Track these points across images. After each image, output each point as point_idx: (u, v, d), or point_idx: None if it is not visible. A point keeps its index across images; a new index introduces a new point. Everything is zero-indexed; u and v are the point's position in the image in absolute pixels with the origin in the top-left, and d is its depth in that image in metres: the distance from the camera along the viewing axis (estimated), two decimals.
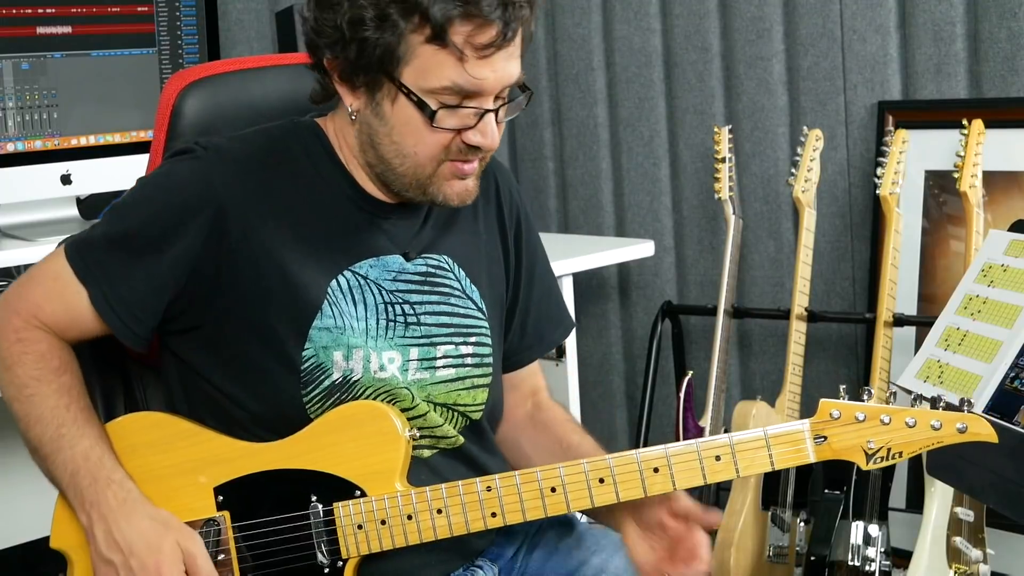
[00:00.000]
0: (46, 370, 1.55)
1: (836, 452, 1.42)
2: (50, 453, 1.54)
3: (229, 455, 1.54)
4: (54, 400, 1.54)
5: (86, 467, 1.52)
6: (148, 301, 1.54)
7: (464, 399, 1.62)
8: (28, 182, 2.51)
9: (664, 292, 3.37)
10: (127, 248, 1.54)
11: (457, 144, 1.51)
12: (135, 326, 1.56)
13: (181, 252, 1.52)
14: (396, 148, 1.52)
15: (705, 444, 1.44)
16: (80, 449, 1.52)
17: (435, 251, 1.63)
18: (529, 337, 1.76)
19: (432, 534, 1.49)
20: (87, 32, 2.56)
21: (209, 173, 1.54)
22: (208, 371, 1.57)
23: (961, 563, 2.37)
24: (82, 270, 1.55)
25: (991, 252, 2.13)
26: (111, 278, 1.54)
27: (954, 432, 1.40)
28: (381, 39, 1.46)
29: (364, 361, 1.55)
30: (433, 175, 1.53)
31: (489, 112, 1.50)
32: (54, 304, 1.56)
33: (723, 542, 2.74)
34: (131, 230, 1.55)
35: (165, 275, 1.53)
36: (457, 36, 1.45)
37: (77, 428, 1.53)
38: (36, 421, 1.54)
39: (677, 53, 3.26)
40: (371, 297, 1.57)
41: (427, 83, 1.47)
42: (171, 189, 1.55)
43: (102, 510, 1.50)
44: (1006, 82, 2.76)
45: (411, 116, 1.49)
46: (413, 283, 1.60)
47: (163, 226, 1.53)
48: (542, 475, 1.47)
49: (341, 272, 1.56)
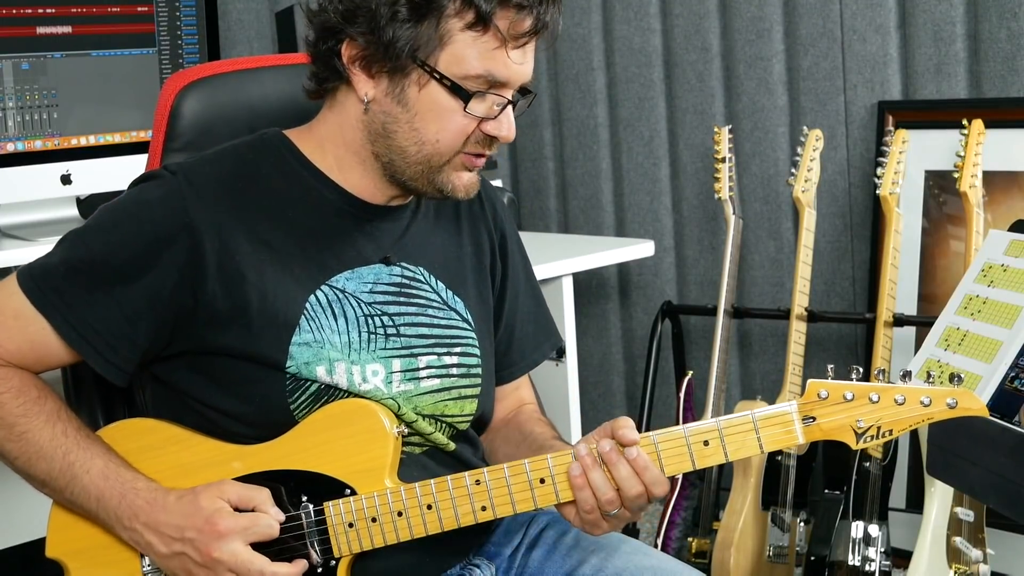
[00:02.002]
0: (28, 402, 1.53)
1: (825, 432, 1.41)
2: (65, 484, 1.52)
3: (219, 459, 1.54)
4: (48, 431, 1.52)
5: (108, 487, 1.51)
6: (122, 330, 1.51)
7: (451, 410, 1.62)
8: (28, 182, 2.51)
9: (664, 292, 3.38)
10: (89, 275, 1.51)
11: (477, 135, 1.52)
12: (109, 355, 1.52)
13: (154, 280, 1.50)
14: (416, 135, 1.51)
15: (693, 429, 1.43)
16: (96, 471, 1.51)
17: (412, 262, 1.62)
18: (513, 354, 1.76)
19: (423, 530, 1.49)
20: (87, 32, 2.56)
21: (180, 198, 1.51)
22: (193, 391, 1.56)
23: (961, 563, 2.37)
24: (39, 300, 1.50)
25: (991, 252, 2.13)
26: (71, 304, 1.50)
27: (944, 408, 1.38)
28: (418, 23, 1.46)
29: (347, 375, 1.54)
30: (446, 165, 1.53)
31: (510, 104, 1.51)
32: (18, 342, 1.52)
33: (723, 542, 2.74)
34: (95, 257, 1.51)
35: (139, 304, 1.50)
36: (501, 22, 1.46)
37: (83, 451, 1.52)
38: (38, 457, 1.52)
39: (677, 53, 3.26)
40: (350, 311, 1.56)
41: (461, 69, 1.47)
42: (141, 217, 1.51)
43: (142, 519, 1.50)
44: (1006, 82, 2.77)
45: (439, 101, 1.49)
46: (390, 294, 1.59)
47: (134, 254, 1.50)
48: (530, 466, 1.46)
49: (319, 287, 1.55)
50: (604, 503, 1.44)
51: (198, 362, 1.55)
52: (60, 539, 1.57)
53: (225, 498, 1.49)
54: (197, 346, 1.54)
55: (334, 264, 1.57)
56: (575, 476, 1.44)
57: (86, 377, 1.70)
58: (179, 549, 1.49)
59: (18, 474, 1.56)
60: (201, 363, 1.55)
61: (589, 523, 1.47)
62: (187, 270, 1.50)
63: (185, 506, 1.49)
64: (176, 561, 1.49)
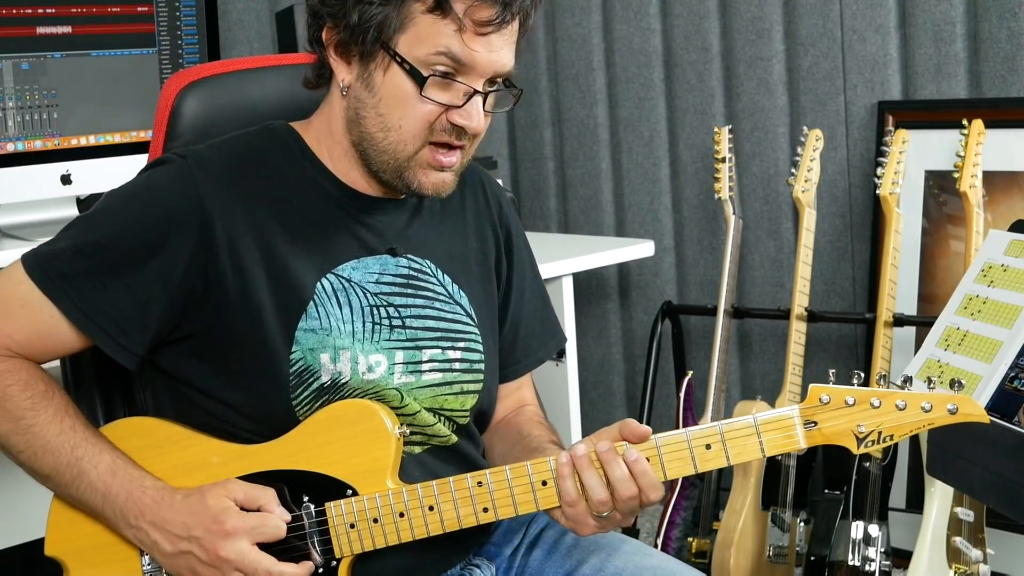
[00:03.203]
0: (36, 396, 1.52)
1: (827, 437, 1.41)
2: (72, 479, 1.52)
3: (220, 458, 1.54)
4: (56, 425, 1.51)
5: (116, 483, 1.50)
6: (133, 313, 1.51)
7: (451, 404, 1.62)
8: (28, 182, 2.52)
9: (664, 292, 3.38)
10: (99, 259, 1.51)
11: (442, 123, 1.50)
12: (121, 339, 1.52)
13: (165, 263, 1.50)
14: (381, 121, 1.51)
15: (695, 433, 1.43)
16: (104, 467, 1.51)
17: (418, 254, 1.62)
18: (518, 351, 1.76)
19: (424, 531, 1.49)
20: (87, 32, 2.57)
21: (191, 182, 1.52)
22: (197, 380, 1.56)
23: (961, 563, 2.37)
24: (47, 286, 1.50)
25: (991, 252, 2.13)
26: (80, 288, 1.50)
27: (945, 413, 1.38)
28: (384, 4, 1.47)
29: (352, 363, 1.54)
30: (413, 157, 1.52)
31: (478, 94, 1.49)
32: (27, 332, 1.52)
33: (723, 542, 2.74)
34: (105, 241, 1.51)
35: (149, 286, 1.50)
36: (458, 5, 1.46)
37: (91, 446, 1.51)
38: (44, 451, 1.51)
39: (677, 53, 3.26)
40: (356, 300, 1.56)
41: (421, 51, 1.47)
42: (151, 200, 1.52)
43: (148, 517, 1.49)
44: (1006, 82, 2.77)
45: (401, 86, 1.49)
46: (396, 285, 1.59)
47: (144, 237, 1.50)
48: (533, 469, 1.46)
49: (324, 275, 1.55)
50: (596, 504, 1.43)
51: (204, 350, 1.55)
52: (59, 537, 1.57)
53: (232, 497, 1.48)
54: (205, 329, 1.53)
55: (340, 253, 1.57)
56: (561, 464, 1.44)
57: (86, 375, 1.70)
58: (185, 548, 1.48)
59: (21, 467, 1.56)
60: (207, 351, 1.54)
61: (573, 519, 1.45)
62: (197, 252, 1.50)
63: (192, 505, 1.49)
64: (182, 560, 1.49)
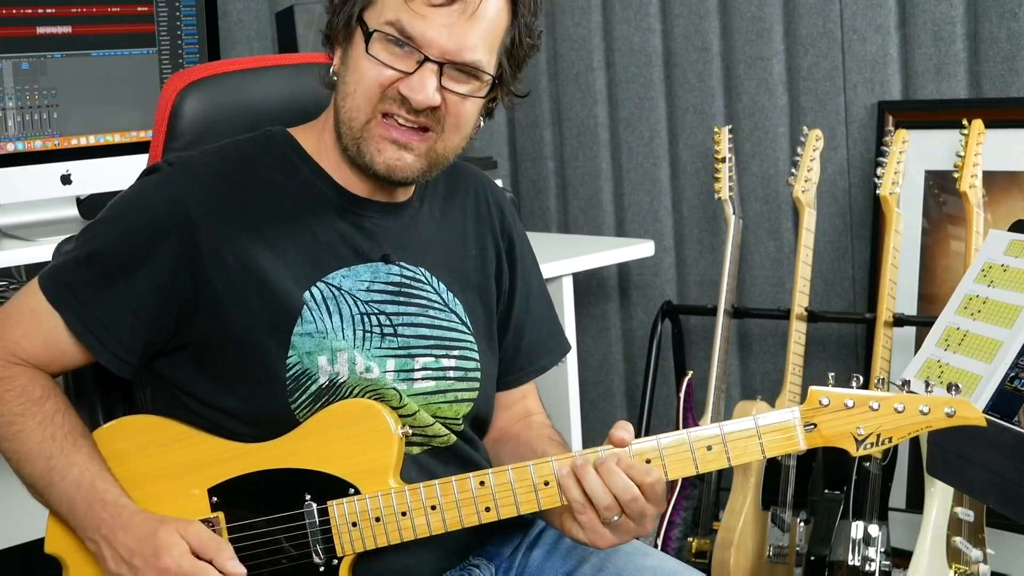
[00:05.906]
0: (28, 403, 1.54)
1: (826, 439, 1.44)
2: (45, 488, 1.53)
3: (222, 456, 1.54)
4: (39, 433, 1.53)
5: (79, 495, 1.51)
6: (125, 322, 1.52)
7: (444, 412, 1.61)
8: (28, 182, 2.52)
9: (664, 292, 3.38)
10: (97, 268, 1.53)
11: (393, 92, 1.50)
12: (114, 347, 1.53)
13: (154, 271, 1.51)
14: (345, 88, 1.53)
15: (696, 435, 1.45)
16: (71, 479, 1.51)
17: (413, 262, 1.62)
18: (521, 359, 1.75)
19: (427, 530, 1.49)
20: (87, 32, 2.57)
21: (176, 190, 1.53)
22: (195, 389, 1.56)
23: (961, 563, 2.37)
24: (53, 296, 1.53)
25: (991, 252, 2.13)
26: (81, 298, 1.53)
27: (943, 416, 1.41)
28: None
29: (349, 363, 1.54)
30: (365, 126, 1.52)
31: (428, 63, 1.49)
32: (32, 340, 1.55)
33: (723, 542, 2.74)
34: (101, 250, 1.54)
35: (141, 295, 1.52)
36: None
37: (64, 457, 1.52)
38: (26, 459, 1.53)
39: (677, 53, 3.26)
40: (346, 308, 1.56)
41: (379, 19, 1.50)
42: (139, 208, 1.55)
43: (103, 532, 1.49)
44: (1006, 82, 2.77)
45: (358, 48, 1.52)
46: (388, 293, 1.59)
47: (133, 245, 1.52)
48: (535, 468, 1.47)
49: (314, 283, 1.55)
50: (602, 510, 1.44)
51: (201, 358, 1.55)
52: (59, 535, 1.57)
53: (186, 538, 1.47)
54: (200, 338, 1.54)
55: (331, 260, 1.57)
56: (561, 476, 1.45)
57: (86, 376, 1.70)
58: (124, 572, 1.48)
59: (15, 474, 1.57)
60: (204, 359, 1.55)
61: (589, 529, 1.46)
62: (185, 259, 1.51)
63: (143, 530, 1.48)
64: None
